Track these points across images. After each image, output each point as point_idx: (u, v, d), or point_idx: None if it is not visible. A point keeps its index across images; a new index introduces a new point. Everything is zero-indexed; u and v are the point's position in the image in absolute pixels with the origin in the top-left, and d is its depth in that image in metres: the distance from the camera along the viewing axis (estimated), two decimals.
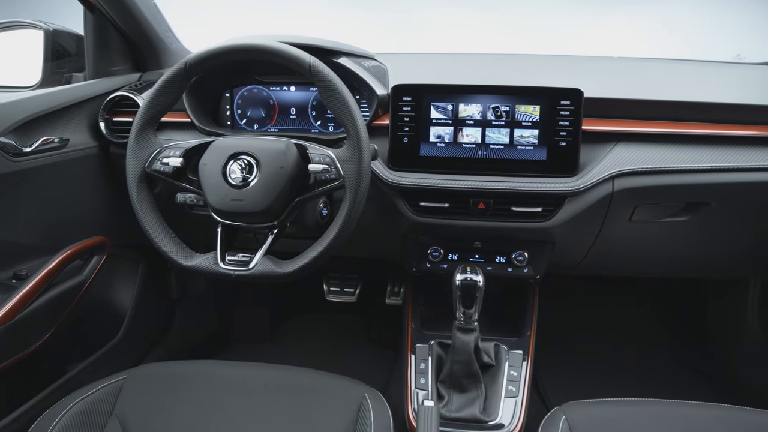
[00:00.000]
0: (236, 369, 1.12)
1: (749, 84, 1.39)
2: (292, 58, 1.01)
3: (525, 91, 1.16)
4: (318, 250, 1.01)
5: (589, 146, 1.19)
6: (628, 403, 1.03)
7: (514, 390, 1.16)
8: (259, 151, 1.03)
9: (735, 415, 1.01)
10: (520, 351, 1.25)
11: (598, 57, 1.59)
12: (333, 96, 1.00)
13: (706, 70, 1.48)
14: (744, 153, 1.19)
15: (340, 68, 1.24)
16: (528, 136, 1.17)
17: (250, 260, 1.03)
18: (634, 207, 1.22)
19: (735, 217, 1.28)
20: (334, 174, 1.01)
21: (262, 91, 1.36)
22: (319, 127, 1.35)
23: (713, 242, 1.36)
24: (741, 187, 1.19)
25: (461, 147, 1.19)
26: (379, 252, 1.50)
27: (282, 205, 1.03)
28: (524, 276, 1.29)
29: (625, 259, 1.45)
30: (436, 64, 1.44)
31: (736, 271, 1.60)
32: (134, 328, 1.57)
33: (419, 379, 1.19)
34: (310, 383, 1.07)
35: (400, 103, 1.18)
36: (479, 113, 1.17)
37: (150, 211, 1.06)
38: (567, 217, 1.18)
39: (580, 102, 1.14)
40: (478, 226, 1.22)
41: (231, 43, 1.04)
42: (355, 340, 2.01)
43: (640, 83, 1.33)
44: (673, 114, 1.22)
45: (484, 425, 1.11)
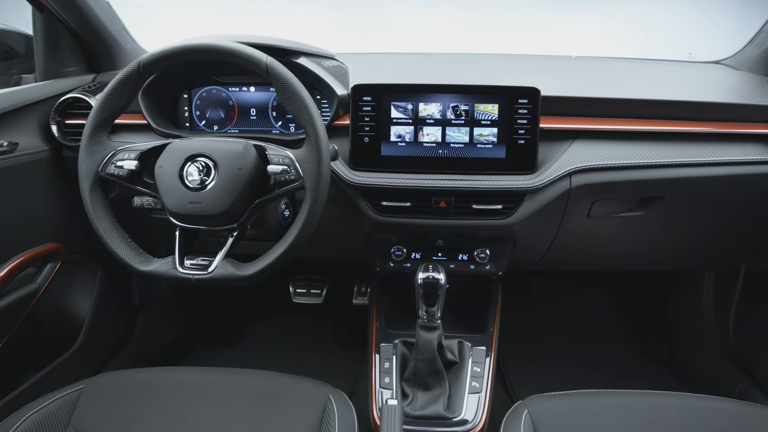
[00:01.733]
0: (199, 375, 1.10)
1: (700, 82, 1.43)
2: (248, 58, 1.00)
3: (483, 90, 1.17)
4: (279, 251, 1.00)
5: (547, 144, 1.21)
6: (589, 395, 1.05)
7: (477, 386, 1.17)
8: (217, 153, 1.01)
9: (692, 402, 1.04)
10: (483, 347, 1.26)
11: (556, 56, 1.62)
12: (291, 96, 0.99)
13: (660, 68, 1.52)
14: (695, 148, 1.23)
15: (299, 68, 1.23)
16: (487, 135, 1.18)
17: (210, 264, 1.02)
18: (592, 202, 1.25)
19: (687, 211, 1.32)
20: (294, 175, 1.00)
21: (221, 92, 1.34)
22: (280, 128, 1.34)
23: (668, 236, 1.40)
24: (692, 181, 1.22)
25: (422, 146, 1.19)
26: (344, 252, 1.49)
27: (241, 207, 1.02)
28: (486, 273, 1.31)
29: (585, 254, 1.48)
30: (398, 64, 1.44)
31: (691, 263, 1.65)
32: (93, 337, 1.53)
33: (384, 379, 1.19)
34: (274, 387, 1.06)
35: (361, 102, 1.18)
36: (439, 112, 1.18)
37: (105, 216, 1.04)
38: (527, 213, 1.20)
39: (538, 100, 1.16)
40: (440, 224, 1.23)
41: (185, 43, 1.02)
42: (323, 341, 2.00)
43: (596, 82, 1.36)
44: (628, 111, 1.25)
45: (448, 422, 1.11)
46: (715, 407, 1.01)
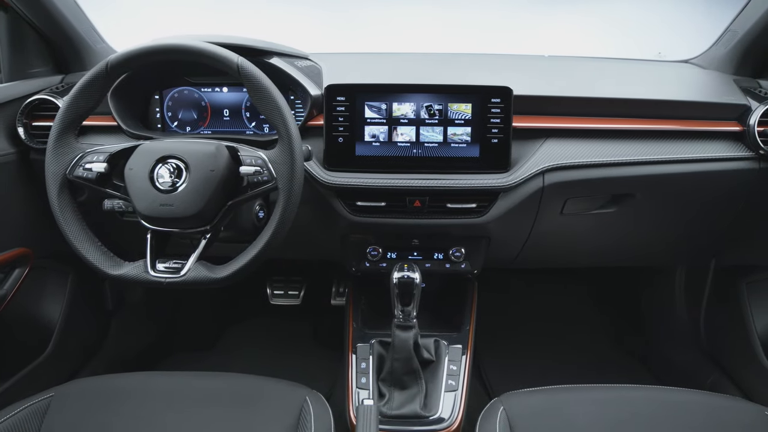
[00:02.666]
0: (174, 380, 1.09)
1: (670, 81, 1.46)
2: (219, 58, 0.99)
3: (456, 89, 1.18)
4: (252, 253, 1.00)
5: (520, 142, 1.23)
6: (564, 390, 1.06)
7: (453, 384, 1.18)
8: (189, 155, 1.00)
9: (664, 395, 1.06)
10: (459, 345, 1.26)
11: (529, 56, 1.63)
12: (262, 97, 0.99)
13: (630, 67, 1.54)
14: (665, 146, 1.25)
15: (272, 69, 1.22)
16: (461, 134, 1.19)
17: (183, 267, 1.00)
18: (565, 200, 1.26)
19: (658, 207, 1.34)
20: (267, 176, 1.00)
21: (193, 93, 1.32)
22: (254, 129, 1.33)
23: (639, 232, 1.42)
24: (662, 178, 1.25)
25: (396, 146, 1.19)
26: (320, 253, 1.49)
27: (214, 209, 1.01)
28: (462, 271, 1.32)
29: (560, 251, 1.50)
30: (372, 64, 1.44)
31: (663, 259, 1.68)
32: (64, 343, 1.50)
33: (360, 379, 1.19)
34: (250, 390, 1.05)
35: (334, 103, 1.18)
36: (413, 112, 1.18)
37: (73, 220, 1.02)
38: (501, 212, 1.21)
39: (510, 99, 1.17)
40: (415, 223, 1.23)
41: (154, 44, 1.01)
42: (301, 343, 1.99)
43: (568, 81, 1.38)
44: (599, 110, 1.27)
45: (424, 420, 1.12)
46: (685, 399, 1.04)
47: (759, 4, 1.28)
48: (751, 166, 1.26)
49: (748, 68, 1.40)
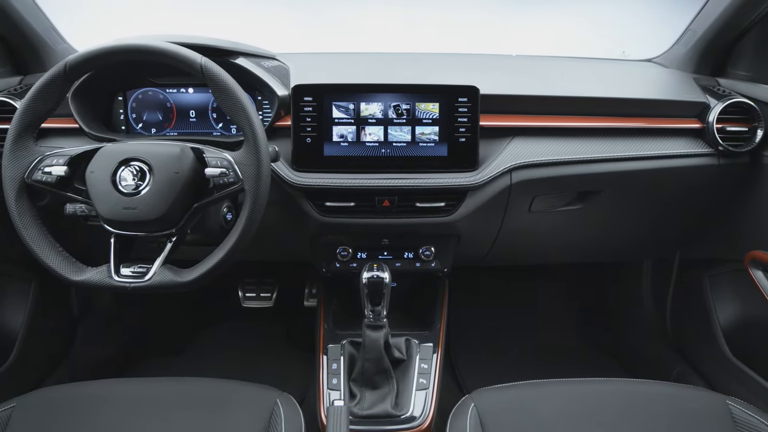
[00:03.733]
0: (141, 386, 1.07)
1: (633, 79, 1.49)
2: (182, 59, 0.98)
3: (423, 89, 1.18)
4: (219, 256, 0.99)
5: (488, 141, 1.24)
6: (533, 385, 1.08)
7: (425, 382, 1.18)
8: (152, 157, 0.99)
9: (630, 387, 1.08)
10: (430, 344, 1.27)
11: (497, 55, 1.65)
12: (227, 97, 0.98)
13: (595, 66, 1.57)
14: (629, 143, 1.28)
15: (238, 69, 1.21)
16: (429, 133, 1.19)
17: (148, 271, 0.99)
18: (532, 198, 1.28)
19: (623, 203, 1.37)
20: (233, 177, 0.99)
21: (158, 94, 1.30)
22: (221, 130, 1.31)
23: (606, 228, 1.45)
24: (626, 175, 1.28)
25: (365, 146, 1.19)
26: (290, 254, 1.48)
27: (179, 212, 1.00)
28: (432, 270, 1.32)
29: (530, 248, 1.52)
30: (340, 64, 1.44)
31: (629, 253, 1.71)
32: (27, 352, 1.46)
33: (332, 380, 1.19)
34: (220, 394, 1.04)
35: (302, 103, 1.17)
36: (381, 112, 1.18)
37: (32, 225, 0.99)
38: (469, 210, 1.22)
39: (477, 99, 1.18)
40: (385, 223, 1.23)
41: (115, 44, 0.99)
42: (275, 345, 1.97)
43: (535, 80, 1.39)
44: (565, 108, 1.29)
45: (396, 419, 1.12)
46: (651, 391, 1.06)
47: (716, 4, 1.32)
48: (711, 162, 1.29)
49: (708, 67, 1.44)
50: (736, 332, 1.46)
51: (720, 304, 1.50)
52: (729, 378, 1.44)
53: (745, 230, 1.36)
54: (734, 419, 0.97)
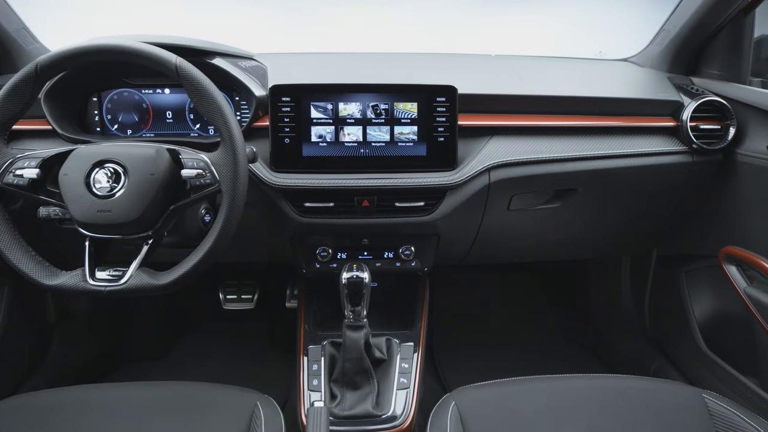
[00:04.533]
0: (119, 391, 1.05)
1: (609, 78, 1.51)
2: (156, 59, 0.96)
3: (402, 89, 1.18)
4: (196, 258, 0.98)
5: (466, 140, 1.24)
6: (513, 382, 1.08)
7: (405, 382, 1.19)
8: (127, 158, 0.97)
9: (608, 383, 1.09)
10: (411, 343, 1.27)
11: (476, 55, 1.66)
12: (203, 98, 0.97)
13: (572, 66, 1.59)
14: (605, 142, 1.30)
15: (214, 69, 1.20)
16: (408, 133, 1.19)
17: (124, 274, 0.97)
18: (511, 196, 1.29)
19: (600, 201, 1.39)
20: (210, 179, 0.98)
21: (133, 95, 1.28)
22: (198, 131, 1.30)
23: (584, 226, 1.47)
24: (603, 173, 1.29)
25: (343, 146, 1.19)
26: (270, 255, 1.47)
27: (155, 214, 0.99)
28: (412, 269, 1.32)
29: (509, 247, 1.53)
30: (318, 63, 1.43)
31: (608, 250, 1.73)
32: (2, 358, 1.43)
33: (312, 381, 1.18)
34: (199, 397, 1.03)
35: (279, 103, 1.16)
36: (359, 112, 1.18)
37: (3, 229, 0.97)
38: (449, 209, 1.22)
39: (455, 98, 1.18)
40: (364, 223, 1.23)
41: (88, 44, 0.97)
42: (257, 347, 1.96)
43: (513, 79, 1.40)
44: (543, 107, 1.30)
45: (377, 419, 1.12)
46: (629, 386, 1.07)
47: (688, 5, 1.34)
48: (685, 160, 1.31)
49: (681, 66, 1.46)
50: (711, 326, 1.48)
51: (696, 299, 1.52)
52: (705, 371, 1.46)
53: (719, 226, 1.38)
54: (710, 412, 0.98)
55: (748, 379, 1.31)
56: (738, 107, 1.29)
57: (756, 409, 1.23)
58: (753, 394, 1.27)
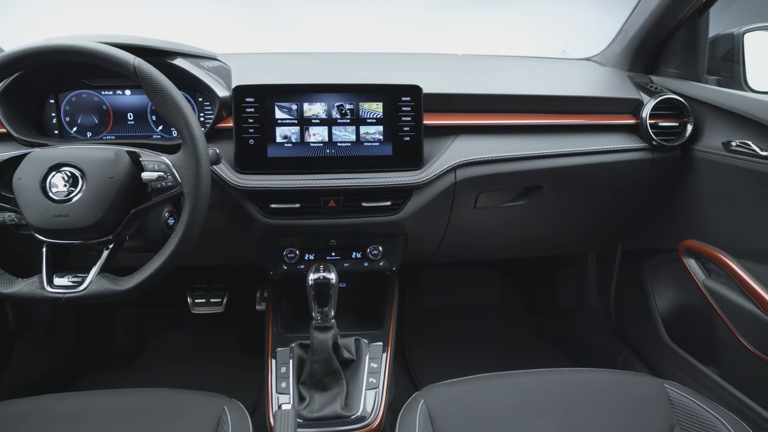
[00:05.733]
0: (82, 400, 1.03)
1: (573, 77, 1.53)
2: (114, 59, 0.94)
3: (367, 88, 1.18)
4: (159, 262, 0.96)
5: (432, 140, 1.25)
6: (481, 379, 1.09)
7: (375, 381, 1.19)
8: (84, 161, 0.95)
9: (575, 376, 1.11)
10: (380, 343, 1.27)
11: (442, 54, 1.66)
12: (162, 99, 0.95)
13: (536, 65, 1.61)
14: (568, 139, 1.32)
15: (176, 70, 1.18)
16: (373, 133, 1.19)
17: (84, 280, 0.95)
18: (477, 194, 1.30)
19: (565, 198, 1.41)
20: (171, 181, 0.96)
21: (92, 96, 1.25)
22: (161, 133, 1.28)
23: (550, 222, 1.49)
24: (567, 170, 1.31)
25: (309, 146, 1.18)
26: (237, 258, 1.46)
27: (115, 218, 0.97)
28: (380, 269, 1.32)
29: (478, 245, 1.54)
30: (283, 64, 1.42)
31: (574, 246, 1.76)
32: None
33: (280, 384, 1.17)
34: (166, 404, 1.01)
35: (243, 104, 1.15)
36: (324, 112, 1.18)
37: None
38: (415, 208, 1.23)
39: (420, 98, 1.19)
40: (331, 223, 1.23)
41: (42, 44, 0.94)
42: (227, 351, 1.94)
43: (478, 79, 1.42)
44: (507, 106, 1.32)
45: (346, 420, 1.12)
46: (595, 378, 1.09)
47: (645, 5, 1.38)
48: (646, 156, 1.35)
49: (641, 65, 1.50)
50: (673, 318, 1.52)
51: (658, 292, 1.56)
52: (668, 362, 1.50)
53: (678, 221, 1.42)
54: (671, 402, 1.01)
55: (708, 369, 1.35)
56: (695, 105, 1.33)
57: (715, 397, 1.27)
58: (712, 382, 1.31)
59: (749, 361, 1.15)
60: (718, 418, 0.96)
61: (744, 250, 1.20)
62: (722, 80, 1.42)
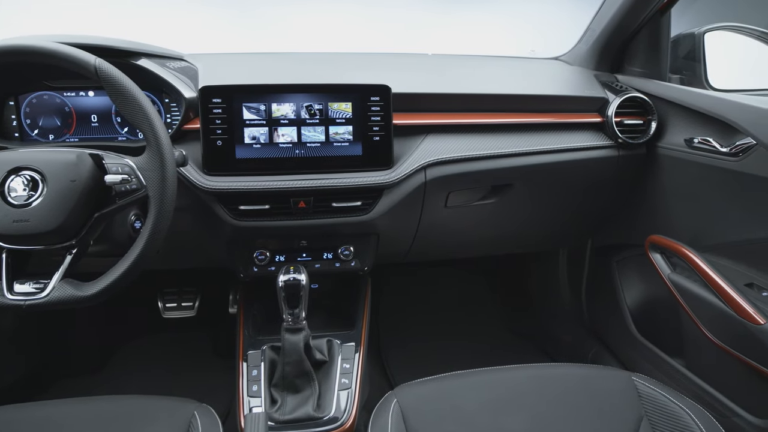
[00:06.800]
0: (49, 409, 1.01)
1: (540, 77, 1.55)
2: (73, 60, 0.92)
3: (335, 88, 1.18)
4: (123, 267, 0.94)
5: (402, 139, 1.25)
6: (454, 377, 1.10)
7: (347, 382, 1.18)
8: (45, 165, 0.93)
9: (546, 371, 1.13)
10: (352, 343, 1.27)
11: (411, 54, 1.67)
12: (125, 100, 0.93)
13: (505, 64, 1.63)
14: (538, 138, 1.34)
15: (140, 71, 1.16)
16: (343, 133, 1.19)
17: (46, 286, 0.93)
18: (447, 193, 1.31)
19: (534, 195, 1.43)
20: (136, 184, 0.94)
21: (54, 98, 1.22)
22: (126, 135, 1.26)
23: (520, 220, 1.51)
24: (536, 168, 1.33)
25: (278, 147, 1.17)
26: (206, 261, 1.44)
27: (78, 222, 0.94)
28: (352, 269, 1.32)
29: (449, 243, 1.55)
30: (252, 64, 1.41)
31: (545, 243, 1.79)
32: None
33: (252, 387, 1.16)
34: (133, 411, 0.99)
35: (210, 105, 1.14)
36: (293, 112, 1.17)
37: None
38: (386, 208, 1.23)
39: (389, 97, 1.19)
40: (302, 224, 1.22)
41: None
42: (200, 356, 1.91)
43: (447, 78, 1.42)
44: (476, 105, 1.33)
45: (318, 422, 1.11)
46: (566, 373, 1.11)
47: (610, 5, 1.40)
48: (612, 154, 1.37)
49: (607, 64, 1.52)
50: (641, 312, 1.55)
51: (627, 286, 1.59)
52: (636, 355, 1.53)
53: (644, 216, 1.45)
54: (639, 394, 1.03)
55: (674, 360, 1.38)
56: (658, 103, 1.35)
57: (682, 388, 1.30)
58: (679, 374, 1.34)
59: (713, 352, 1.18)
60: (684, 408, 0.98)
61: (707, 244, 1.23)
62: (685, 79, 1.45)
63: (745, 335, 1.06)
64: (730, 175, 1.14)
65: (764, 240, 1.11)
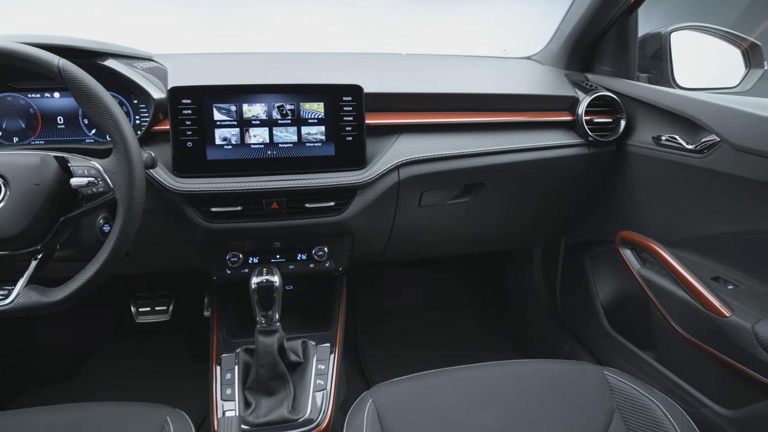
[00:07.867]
0: (17, 418, 0.98)
1: (512, 76, 1.57)
2: (35, 60, 0.90)
3: (307, 89, 1.17)
4: (91, 272, 0.92)
5: (375, 139, 1.25)
6: (429, 375, 1.10)
7: (322, 383, 1.18)
8: (7, 168, 0.90)
9: (520, 368, 1.14)
10: (327, 344, 1.27)
11: (385, 54, 1.67)
12: (90, 101, 0.91)
13: (478, 64, 1.64)
14: (510, 137, 1.35)
15: (107, 72, 1.14)
16: (315, 133, 1.18)
17: (10, 293, 0.90)
18: (421, 192, 1.31)
19: (507, 194, 1.44)
20: (103, 187, 0.93)
21: (18, 99, 1.19)
22: (94, 137, 1.23)
23: (494, 218, 1.52)
24: (508, 166, 1.34)
25: (249, 148, 1.16)
26: (179, 264, 1.42)
27: (43, 227, 0.92)
28: (327, 270, 1.32)
29: (424, 242, 1.55)
30: (223, 64, 1.39)
31: (519, 241, 1.80)
32: None
33: (225, 390, 1.15)
34: (104, 418, 0.98)
35: (180, 106, 1.12)
36: (264, 113, 1.16)
37: None
38: (359, 208, 1.23)
39: (361, 97, 1.19)
40: (275, 225, 1.21)
41: None
42: (174, 361, 1.88)
43: (420, 78, 1.43)
44: (449, 105, 1.33)
45: (293, 424, 1.10)
46: (540, 369, 1.12)
47: (579, 5, 1.42)
48: (583, 152, 1.39)
49: (577, 63, 1.54)
50: (613, 307, 1.58)
51: (599, 282, 1.62)
52: (609, 349, 1.55)
53: (615, 213, 1.47)
54: (611, 388, 1.05)
55: (645, 354, 1.40)
56: (627, 101, 1.38)
57: (652, 381, 1.32)
58: (650, 367, 1.37)
59: (682, 345, 1.21)
60: (654, 401, 1.00)
61: (675, 240, 1.26)
62: (653, 77, 1.47)
63: (711, 328, 1.09)
64: (695, 171, 1.16)
65: (729, 234, 1.14)
